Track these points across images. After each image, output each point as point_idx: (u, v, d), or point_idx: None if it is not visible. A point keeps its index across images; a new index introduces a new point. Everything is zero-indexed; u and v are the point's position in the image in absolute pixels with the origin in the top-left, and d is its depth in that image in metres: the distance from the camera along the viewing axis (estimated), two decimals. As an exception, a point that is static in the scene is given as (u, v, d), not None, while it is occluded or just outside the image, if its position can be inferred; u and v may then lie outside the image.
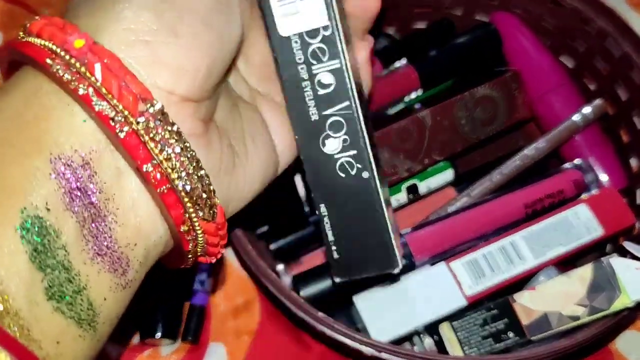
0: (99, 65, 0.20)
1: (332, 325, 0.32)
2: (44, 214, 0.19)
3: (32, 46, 0.21)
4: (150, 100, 0.21)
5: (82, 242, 0.20)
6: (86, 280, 0.20)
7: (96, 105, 0.20)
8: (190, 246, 0.23)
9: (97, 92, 0.20)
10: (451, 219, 0.37)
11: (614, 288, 0.31)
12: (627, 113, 0.40)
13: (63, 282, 0.19)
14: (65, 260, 0.20)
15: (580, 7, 0.40)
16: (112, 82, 0.20)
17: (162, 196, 0.21)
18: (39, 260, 0.19)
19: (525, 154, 0.39)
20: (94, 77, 0.20)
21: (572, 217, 0.37)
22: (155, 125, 0.21)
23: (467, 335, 0.34)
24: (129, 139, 0.21)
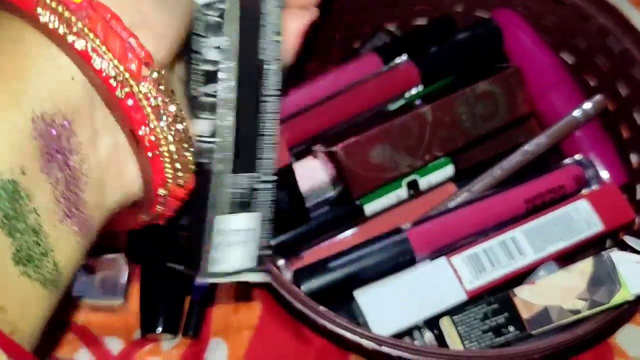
0: (101, 22, 0.20)
1: (333, 319, 0.32)
2: (18, 177, 0.19)
3: None
4: (152, 66, 0.20)
5: (53, 204, 0.19)
6: (54, 242, 0.20)
7: (95, 62, 0.20)
8: (157, 208, 0.23)
9: (96, 50, 0.20)
10: (452, 214, 0.38)
11: (614, 282, 0.31)
12: (627, 109, 0.40)
13: (31, 246, 0.19)
14: (35, 224, 0.19)
15: (580, 4, 0.40)
16: (115, 42, 0.20)
17: (150, 160, 0.21)
18: (9, 225, 0.18)
19: (526, 150, 0.39)
20: (92, 34, 0.19)
21: (573, 212, 0.37)
22: (156, 91, 0.20)
23: (468, 330, 0.34)
24: (127, 101, 0.20)
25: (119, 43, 0.20)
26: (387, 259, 0.37)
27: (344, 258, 0.37)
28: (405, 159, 0.38)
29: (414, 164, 0.39)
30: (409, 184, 0.39)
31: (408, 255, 0.37)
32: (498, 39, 0.42)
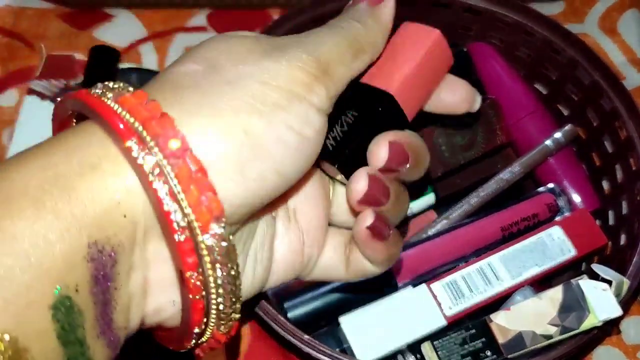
0: (188, 173, 0.21)
1: (317, 347, 0.34)
2: (73, 294, 0.20)
3: (119, 121, 0.21)
4: (221, 221, 0.22)
5: (94, 321, 0.21)
6: (93, 353, 0.21)
7: (166, 205, 0.21)
8: (192, 343, 0.24)
9: (171, 193, 0.21)
10: (431, 242, 0.39)
11: (583, 308, 0.33)
12: (598, 138, 0.42)
13: (78, 356, 0.21)
14: (82, 337, 0.21)
15: (551, 38, 0.42)
16: (194, 193, 0.21)
17: (192, 302, 0.23)
18: (64, 337, 0.20)
19: (501, 178, 0.41)
20: (176, 181, 0.21)
21: (547, 238, 0.38)
22: (218, 246, 0.22)
23: (448, 354, 0.35)
24: (184, 244, 0.22)
25: (197, 195, 0.21)
26: (370, 286, 0.38)
27: (328, 285, 0.38)
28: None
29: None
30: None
31: (390, 281, 0.38)
32: (468, 62, 0.44)
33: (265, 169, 0.23)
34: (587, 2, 0.53)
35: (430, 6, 0.44)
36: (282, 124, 0.23)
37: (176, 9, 0.52)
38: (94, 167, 0.21)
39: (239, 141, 0.22)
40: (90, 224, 0.21)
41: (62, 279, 0.20)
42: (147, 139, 0.21)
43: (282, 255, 0.28)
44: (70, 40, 0.51)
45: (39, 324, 0.20)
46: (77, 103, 0.23)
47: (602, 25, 0.52)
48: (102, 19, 0.52)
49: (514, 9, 0.42)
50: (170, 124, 0.22)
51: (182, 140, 0.21)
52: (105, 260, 0.21)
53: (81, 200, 0.21)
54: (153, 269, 0.23)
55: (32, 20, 0.52)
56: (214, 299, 0.23)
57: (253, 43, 0.25)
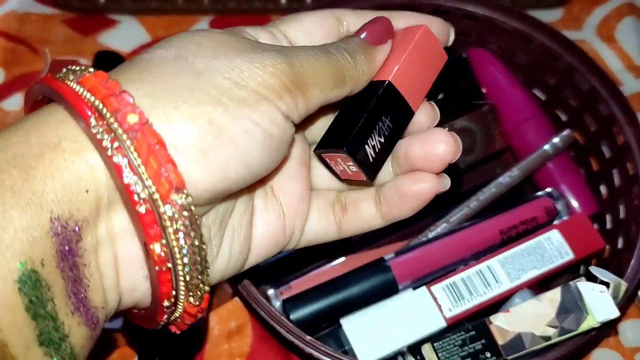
0: (146, 146, 0.22)
1: (319, 348, 0.34)
2: (39, 268, 0.21)
3: (79, 99, 0.22)
4: (182, 191, 0.22)
5: (65, 297, 0.22)
6: (69, 329, 0.22)
7: (126, 177, 0.22)
8: (164, 318, 0.25)
9: (130, 166, 0.22)
10: (431, 245, 0.40)
11: (581, 310, 0.33)
12: (595, 143, 0.43)
13: (51, 330, 0.21)
14: (52, 311, 0.21)
15: (549, 44, 0.42)
16: (153, 165, 0.22)
17: (158, 273, 0.23)
18: (33, 310, 0.21)
19: (500, 182, 0.42)
20: (136, 154, 0.22)
21: (545, 242, 0.39)
22: (179, 215, 0.22)
23: (448, 356, 0.36)
24: (146, 217, 0.22)
25: (156, 166, 0.22)
26: (372, 288, 0.39)
27: (330, 287, 0.39)
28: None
29: None
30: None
31: (391, 284, 0.39)
32: (467, 67, 0.45)
33: (229, 157, 0.23)
34: (585, 9, 0.53)
35: (431, 13, 0.44)
36: (247, 119, 0.24)
37: (179, 15, 0.53)
38: (53, 146, 0.22)
39: (203, 129, 0.23)
40: (52, 200, 0.21)
41: (26, 253, 0.21)
42: (106, 115, 0.22)
43: (262, 232, 0.28)
44: (74, 46, 0.51)
45: (6, 297, 0.20)
46: (42, 87, 0.24)
47: (600, 32, 0.53)
48: (107, 25, 0.52)
49: (513, 16, 0.43)
50: (128, 99, 0.22)
51: (140, 115, 0.22)
52: (70, 235, 0.22)
53: (40, 178, 0.21)
54: (121, 245, 0.23)
55: (36, 25, 0.52)
56: (180, 270, 0.23)
57: (230, 39, 0.25)
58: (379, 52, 0.28)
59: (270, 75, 0.24)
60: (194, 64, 0.24)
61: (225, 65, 0.24)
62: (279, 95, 0.24)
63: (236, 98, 0.23)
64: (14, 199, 0.21)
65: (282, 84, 0.24)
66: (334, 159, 0.28)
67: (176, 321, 0.25)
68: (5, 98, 0.49)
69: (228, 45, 0.25)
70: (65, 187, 0.22)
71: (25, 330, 0.21)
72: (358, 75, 0.27)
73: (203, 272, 0.23)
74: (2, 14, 0.53)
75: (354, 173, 0.28)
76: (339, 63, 0.27)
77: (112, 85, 0.23)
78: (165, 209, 0.22)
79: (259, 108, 0.24)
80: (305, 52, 0.26)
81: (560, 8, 0.53)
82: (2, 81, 0.50)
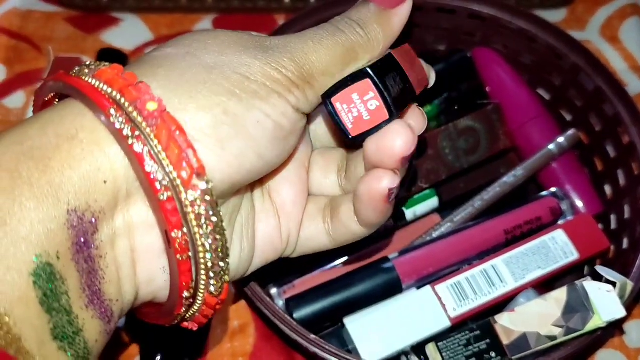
0: (167, 132, 0.22)
1: (323, 347, 0.34)
2: (54, 261, 0.21)
3: (97, 92, 0.22)
4: (203, 176, 0.22)
5: (80, 290, 0.22)
6: (83, 323, 0.22)
7: (147, 165, 0.22)
8: (182, 310, 0.24)
9: (151, 154, 0.22)
10: (436, 244, 0.39)
11: (587, 310, 0.33)
12: (600, 143, 0.43)
13: (65, 324, 0.21)
14: (67, 305, 0.21)
15: (554, 44, 0.42)
16: (174, 150, 0.22)
17: (179, 262, 0.23)
18: (47, 304, 0.21)
19: (505, 181, 0.42)
20: (156, 141, 0.22)
21: (550, 242, 0.39)
22: (201, 200, 0.22)
23: (452, 356, 0.36)
24: (167, 205, 0.22)
25: (177, 152, 0.22)
26: (375, 287, 0.38)
27: (334, 286, 0.38)
28: (392, 191, 0.40)
29: (400, 194, 0.41)
30: (396, 214, 0.41)
31: (395, 283, 0.38)
32: (470, 66, 0.45)
33: (245, 148, 0.23)
34: (589, 10, 0.53)
35: (435, 12, 0.44)
36: (259, 111, 0.24)
37: (182, 14, 0.53)
38: (70, 138, 0.22)
39: (219, 119, 0.23)
40: (69, 191, 0.21)
41: (41, 246, 0.20)
42: (125, 104, 0.22)
43: (261, 234, 0.28)
44: (77, 43, 0.51)
45: (20, 290, 0.20)
46: (55, 84, 0.24)
47: (603, 32, 0.52)
48: (110, 23, 0.52)
49: (518, 15, 0.43)
50: (147, 88, 0.22)
51: (159, 103, 0.22)
52: (86, 227, 0.21)
53: (57, 169, 0.21)
54: (139, 237, 0.23)
55: (39, 23, 0.52)
56: (201, 257, 0.23)
57: (234, 38, 0.25)
58: (395, 16, 0.27)
59: (276, 72, 0.24)
60: (204, 59, 0.24)
61: (233, 61, 0.24)
62: (288, 89, 0.24)
63: (248, 90, 0.24)
64: (31, 191, 0.21)
65: (289, 80, 0.25)
66: (348, 99, 0.26)
67: (194, 316, 0.25)
68: (7, 95, 0.49)
69: (233, 43, 0.25)
70: (83, 178, 0.21)
71: (39, 324, 0.20)
72: (372, 47, 0.26)
73: (224, 259, 0.23)
74: (5, 11, 0.52)
75: (372, 114, 0.26)
76: (349, 41, 0.26)
77: (129, 76, 0.23)
78: (188, 194, 0.22)
79: (270, 101, 0.24)
80: (310, 40, 0.26)
81: (564, 8, 0.53)
82: (4, 79, 0.50)
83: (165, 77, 0.23)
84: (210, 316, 0.25)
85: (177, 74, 0.23)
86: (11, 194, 0.20)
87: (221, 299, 0.24)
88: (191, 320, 0.25)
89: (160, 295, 0.25)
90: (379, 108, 0.26)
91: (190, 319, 0.25)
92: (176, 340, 0.38)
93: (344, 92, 0.26)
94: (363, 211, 0.27)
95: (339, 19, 0.27)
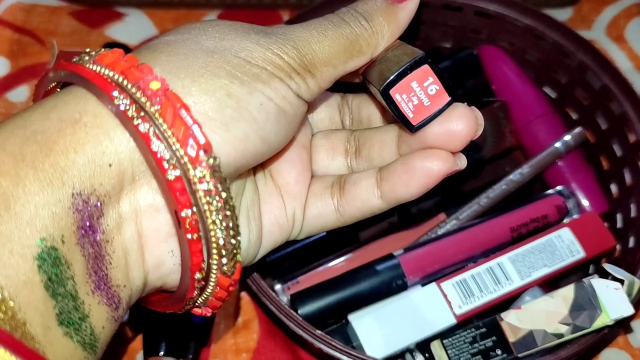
0: (172, 109, 0.21)
1: (329, 343, 0.34)
2: (59, 245, 0.20)
3: (98, 76, 0.22)
4: (210, 153, 0.22)
5: (86, 275, 0.21)
6: (89, 309, 0.21)
7: (154, 145, 0.21)
8: (194, 294, 0.24)
9: (156, 133, 0.21)
10: (441, 242, 0.39)
11: (594, 307, 0.33)
12: (607, 141, 0.43)
13: (71, 310, 0.21)
14: (72, 290, 0.21)
15: (561, 42, 0.42)
16: (180, 128, 0.21)
17: (190, 242, 0.22)
18: (52, 289, 0.20)
19: (511, 179, 0.41)
20: (161, 120, 0.21)
21: (556, 240, 0.39)
22: (210, 176, 0.22)
23: (457, 353, 0.36)
24: (176, 184, 0.22)
25: (184, 128, 0.21)
26: (380, 284, 0.38)
27: (339, 283, 0.38)
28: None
29: None
30: (401, 211, 0.41)
31: (400, 280, 0.38)
32: (476, 62, 0.44)
33: (250, 131, 0.23)
34: (595, 9, 0.53)
35: (442, 9, 0.44)
36: (261, 94, 0.24)
37: (187, 9, 0.53)
38: (74, 122, 0.21)
39: (223, 101, 0.23)
40: (73, 174, 0.21)
41: (46, 229, 0.20)
42: (127, 86, 0.22)
43: (267, 216, 0.28)
44: (81, 38, 0.51)
45: (25, 274, 0.20)
46: (56, 74, 0.24)
47: (609, 32, 0.52)
48: (114, 18, 0.52)
49: (525, 13, 0.43)
50: (149, 69, 0.22)
51: (162, 82, 0.22)
52: (92, 211, 0.21)
53: (62, 152, 0.21)
54: (146, 221, 0.23)
55: (43, 17, 0.52)
56: (212, 235, 0.22)
57: (235, 26, 0.25)
58: (401, 10, 0.27)
59: (277, 58, 0.24)
60: (205, 44, 0.24)
61: (234, 45, 0.24)
62: (288, 75, 0.24)
63: (250, 73, 0.24)
64: (35, 174, 0.20)
65: (290, 66, 0.25)
66: (408, 88, 0.26)
67: (207, 300, 0.24)
68: (11, 89, 0.49)
69: (234, 30, 0.25)
70: (88, 161, 0.21)
71: (44, 309, 0.20)
72: (377, 40, 0.26)
73: (235, 236, 0.23)
74: (9, 5, 0.52)
75: (433, 98, 0.26)
76: (353, 33, 0.26)
77: (130, 58, 0.23)
78: (196, 171, 0.22)
79: (272, 84, 0.24)
80: (315, 29, 0.26)
81: (569, 7, 0.53)
82: (8, 72, 0.49)
83: (166, 62, 0.23)
84: (224, 299, 0.25)
85: (178, 58, 0.23)
86: (15, 177, 0.20)
87: (234, 279, 0.24)
88: (204, 305, 0.25)
89: (170, 280, 0.24)
90: (439, 92, 0.26)
91: (204, 303, 0.25)
92: (180, 332, 0.38)
93: (403, 82, 0.26)
94: (402, 188, 0.27)
95: (345, 11, 0.27)
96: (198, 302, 0.25)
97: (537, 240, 0.39)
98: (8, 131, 0.21)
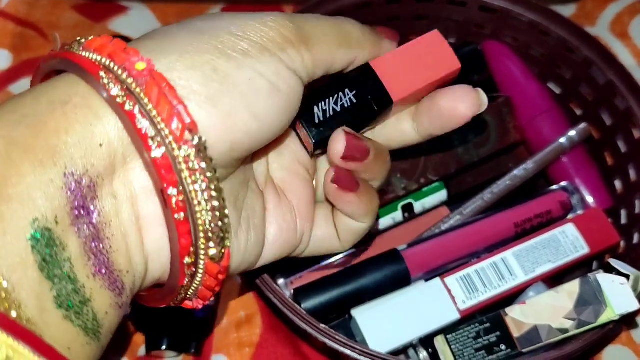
0: (157, 89, 0.22)
1: (333, 337, 0.34)
2: (52, 226, 0.20)
3: (86, 59, 0.22)
4: (195, 132, 0.22)
5: (84, 257, 0.21)
6: (90, 293, 0.21)
7: (138, 122, 0.22)
8: (185, 282, 0.24)
9: (141, 111, 0.22)
10: (445, 237, 0.39)
11: (600, 302, 0.33)
12: (611, 137, 0.42)
13: (70, 293, 0.20)
14: (70, 273, 0.21)
15: (566, 37, 0.42)
16: (165, 107, 0.22)
17: (177, 222, 0.22)
18: (47, 270, 0.20)
19: (515, 175, 0.41)
20: (147, 99, 0.22)
21: (560, 235, 0.39)
22: (195, 155, 0.22)
23: (461, 348, 0.35)
24: (161, 160, 0.22)
25: (168, 108, 0.22)
26: (384, 279, 0.38)
27: (342, 277, 0.38)
28: (401, 181, 0.40)
29: (409, 187, 0.40)
30: (405, 207, 0.41)
31: (404, 275, 0.38)
32: (480, 58, 0.44)
33: (237, 106, 0.23)
34: (598, 6, 0.53)
35: (446, 4, 0.44)
36: (250, 69, 0.24)
37: (190, 3, 0.53)
38: (64, 103, 0.22)
39: (208, 76, 0.23)
40: (65, 154, 0.21)
41: (38, 210, 0.20)
42: (114, 68, 0.22)
43: (276, 228, 0.28)
44: (84, 31, 0.51)
45: (19, 255, 0.20)
46: (47, 63, 0.24)
47: (613, 28, 0.52)
48: (117, 11, 0.52)
49: (530, 8, 0.43)
50: (135, 52, 0.22)
51: (147, 62, 0.22)
52: (85, 192, 0.21)
53: (52, 133, 0.21)
54: (142, 204, 0.23)
55: (46, 10, 0.52)
56: (199, 216, 0.22)
57: (236, 13, 0.26)
58: (388, 44, 0.29)
59: (270, 29, 0.25)
60: (197, 25, 0.24)
61: (226, 22, 0.25)
62: (282, 47, 0.25)
63: (238, 49, 0.24)
64: (25, 155, 0.20)
65: (284, 37, 0.25)
66: (300, 127, 0.29)
67: (198, 290, 0.24)
68: (14, 82, 0.49)
69: (232, 14, 0.26)
70: (79, 141, 0.21)
71: (40, 291, 0.20)
72: (364, 41, 0.28)
73: (222, 218, 0.23)
74: (11, -2, 0.52)
75: (305, 137, 0.29)
76: (347, 28, 0.27)
77: (118, 42, 0.23)
78: (180, 151, 0.22)
79: (262, 59, 0.24)
80: (311, 15, 0.27)
81: (573, 4, 0.53)
82: (11, 65, 0.49)
83: (154, 44, 0.23)
84: (214, 288, 0.24)
85: (167, 40, 0.24)
86: (6, 159, 0.20)
87: (223, 266, 0.24)
88: (195, 296, 0.25)
89: (167, 270, 0.24)
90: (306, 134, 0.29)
91: (194, 294, 0.25)
92: (182, 327, 0.38)
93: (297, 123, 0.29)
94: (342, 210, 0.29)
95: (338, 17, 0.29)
96: (189, 293, 0.24)
97: (541, 235, 0.39)
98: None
